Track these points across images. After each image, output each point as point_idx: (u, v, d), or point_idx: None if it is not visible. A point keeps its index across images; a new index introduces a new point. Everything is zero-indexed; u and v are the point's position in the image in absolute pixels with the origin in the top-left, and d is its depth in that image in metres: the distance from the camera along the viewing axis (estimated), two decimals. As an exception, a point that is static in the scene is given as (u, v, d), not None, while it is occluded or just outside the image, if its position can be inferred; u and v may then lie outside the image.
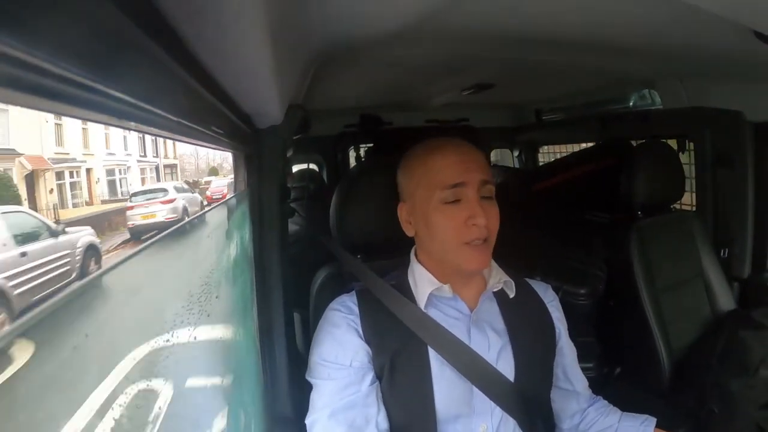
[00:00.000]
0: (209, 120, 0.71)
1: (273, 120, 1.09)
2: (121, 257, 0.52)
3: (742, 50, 1.20)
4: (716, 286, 1.89)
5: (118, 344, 0.50)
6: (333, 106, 2.57)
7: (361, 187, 1.22)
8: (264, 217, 1.13)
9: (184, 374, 0.66)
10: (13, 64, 0.25)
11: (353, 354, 0.98)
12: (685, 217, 1.98)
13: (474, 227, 0.95)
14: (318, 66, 1.31)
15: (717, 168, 1.95)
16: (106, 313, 0.48)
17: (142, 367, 0.51)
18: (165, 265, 0.70)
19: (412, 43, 1.24)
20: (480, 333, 1.02)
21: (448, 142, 1.03)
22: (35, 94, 0.28)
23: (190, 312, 0.70)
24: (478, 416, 0.99)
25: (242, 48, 0.61)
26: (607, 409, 1.15)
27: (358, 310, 1.03)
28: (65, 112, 0.34)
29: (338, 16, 0.96)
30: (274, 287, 1.14)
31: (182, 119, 0.55)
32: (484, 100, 2.57)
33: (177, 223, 8.88)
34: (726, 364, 1.56)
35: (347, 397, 0.95)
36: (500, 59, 1.53)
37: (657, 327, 1.73)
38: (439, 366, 0.98)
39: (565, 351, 1.14)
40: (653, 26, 1.11)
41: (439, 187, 0.97)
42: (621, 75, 1.89)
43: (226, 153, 1.12)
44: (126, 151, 18.71)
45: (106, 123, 0.42)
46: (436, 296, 1.03)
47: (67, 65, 0.29)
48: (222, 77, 0.70)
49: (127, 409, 0.47)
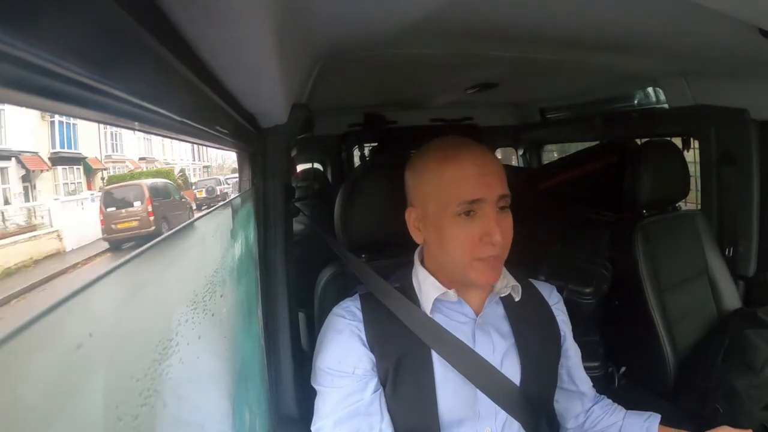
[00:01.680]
0: (214, 120, 0.71)
1: (277, 119, 1.09)
2: (129, 255, 0.52)
3: (747, 48, 1.20)
4: (721, 284, 1.89)
5: (123, 342, 0.50)
6: (337, 105, 2.58)
7: (366, 187, 1.21)
8: (269, 216, 1.13)
9: (189, 373, 0.67)
10: (17, 64, 0.25)
11: (356, 361, 0.97)
12: (690, 215, 1.97)
13: (489, 245, 0.92)
14: (322, 65, 1.31)
15: (722, 166, 1.94)
16: (111, 310, 0.48)
17: (147, 365, 0.51)
18: (171, 261, 0.70)
19: (416, 42, 1.24)
20: (485, 336, 1.01)
21: (464, 148, 0.97)
22: (38, 94, 0.28)
23: (194, 310, 0.70)
24: (482, 420, 0.99)
25: (247, 47, 0.61)
26: (612, 407, 1.15)
27: (362, 315, 1.01)
28: (68, 112, 0.34)
29: (343, 15, 0.96)
30: (279, 286, 1.14)
31: (187, 119, 0.55)
32: (488, 99, 2.57)
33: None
34: (731, 363, 1.55)
35: (351, 406, 0.95)
36: (505, 58, 1.53)
37: (662, 326, 1.73)
38: (443, 370, 0.97)
39: (569, 353, 1.14)
40: (658, 24, 1.10)
41: (455, 202, 0.93)
42: (626, 73, 1.88)
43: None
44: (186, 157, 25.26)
45: (111, 123, 0.42)
46: (441, 300, 1.02)
47: (71, 65, 0.29)
48: (226, 77, 0.70)
49: (132, 408, 0.47)
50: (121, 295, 0.51)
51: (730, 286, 1.89)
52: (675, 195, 1.93)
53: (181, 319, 0.64)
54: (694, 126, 2.04)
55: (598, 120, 2.55)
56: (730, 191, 1.95)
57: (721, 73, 1.73)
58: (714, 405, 1.24)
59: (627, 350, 1.88)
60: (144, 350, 0.53)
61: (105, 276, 0.44)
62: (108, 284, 0.45)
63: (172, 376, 0.56)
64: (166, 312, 0.63)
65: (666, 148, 1.88)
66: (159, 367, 0.54)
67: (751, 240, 1.92)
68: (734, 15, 0.90)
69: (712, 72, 1.74)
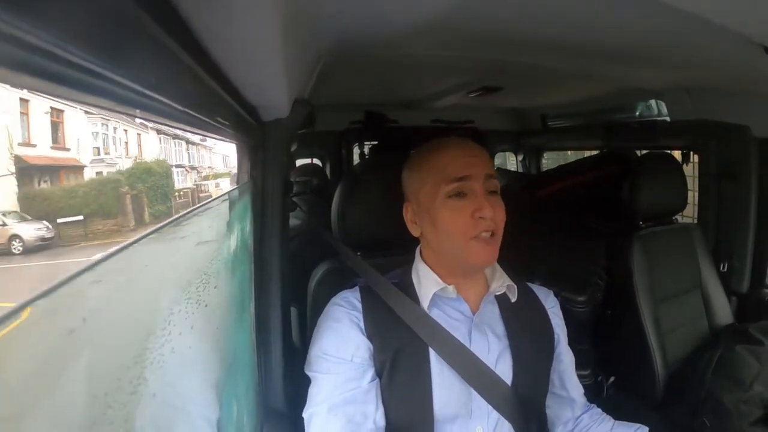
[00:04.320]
0: (215, 111, 0.71)
1: (279, 113, 1.09)
2: (125, 242, 0.52)
3: (752, 65, 1.20)
4: (714, 299, 1.89)
5: (115, 328, 0.50)
6: (339, 101, 2.57)
7: (364, 184, 1.21)
8: (266, 209, 1.13)
9: (180, 363, 0.66)
10: (22, 47, 0.25)
11: (354, 349, 0.97)
12: (687, 228, 1.98)
13: (481, 220, 0.94)
14: (326, 61, 1.30)
15: (721, 181, 1.95)
16: (104, 297, 0.48)
17: (137, 354, 0.51)
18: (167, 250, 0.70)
19: (421, 44, 1.24)
20: (480, 336, 1.02)
21: (452, 139, 1.03)
22: (42, 77, 0.28)
23: (188, 300, 0.70)
24: (474, 419, 0.99)
25: (252, 40, 0.61)
26: (601, 417, 1.15)
27: (361, 306, 1.02)
28: (71, 96, 0.34)
29: (349, 12, 0.96)
30: (273, 280, 1.13)
31: (188, 109, 0.55)
32: (490, 103, 2.57)
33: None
34: (721, 378, 1.56)
35: (347, 392, 0.94)
36: (509, 63, 1.53)
37: (653, 337, 1.73)
38: (439, 367, 0.98)
39: (562, 357, 1.14)
40: (664, 37, 1.10)
41: (444, 182, 0.96)
42: (629, 84, 1.89)
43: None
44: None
45: (112, 109, 0.42)
46: (440, 296, 1.03)
47: (75, 50, 0.29)
48: (230, 68, 0.70)
49: (121, 395, 0.47)
50: (117, 282, 0.51)
51: (723, 301, 1.90)
52: (673, 207, 1.93)
53: (174, 308, 0.64)
54: (694, 140, 2.05)
55: (598, 129, 2.55)
56: (728, 207, 1.96)
57: (724, 89, 1.74)
58: (702, 418, 1.25)
59: (617, 360, 1.89)
60: (136, 338, 0.53)
61: (101, 262, 0.44)
62: (104, 270, 0.45)
63: (162, 365, 0.56)
64: (159, 300, 0.63)
65: (666, 160, 1.89)
66: (150, 355, 0.54)
67: (746, 256, 1.93)
68: (740, 31, 0.91)
69: (715, 87, 1.75)
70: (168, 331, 0.60)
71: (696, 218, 2.13)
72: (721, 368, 1.59)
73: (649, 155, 1.96)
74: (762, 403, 1.46)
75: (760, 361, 1.54)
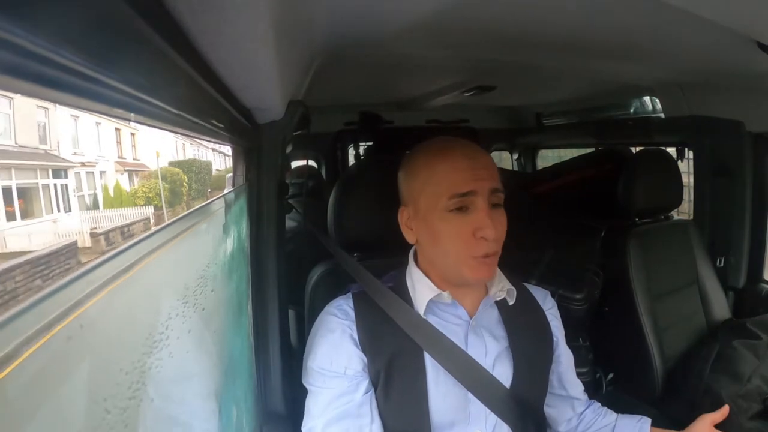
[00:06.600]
0: (210, 113, 0.70)
1: (274, 115, 1.09)
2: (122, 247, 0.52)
3: (745, 61, 1.20)
4: (711, 294, 1.90)
5: (112, 335, 0.50)
6: (334, 103, 2.57)
7: (360, 186, 1.21)
8: (261, 212, 1.12)
9: (178, 367, 0.66)
10: (14, 52, 0.25)
11: (347, 361, 0.96)
12: (683, 225, 1.98)
13: (482, 241, 0.90)
14: (320, 62, 1.30)
15: (716, 177, 1.96)
16: (101, 303, 0.48)
17: (136, 359, 0.51)
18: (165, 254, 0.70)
19: (415, 43, 1.24)
20: (477, 339, 1.00)
21: (455, 143, 0.96)
22: (34, 82, 0.28)
23: (185, 304, 0.70)
24: (473, 423, 0.98)
25: (245, 42, 0.61)
26: (603, 410, 1.16)
27: (354, 314, 1.00)
28: (64, 101, 0.33)
29: (342, 13, 0.96)
30: (270, 283, 1.13)
31: (183, 112, 0.55)
32: (484, 102, 2.57)
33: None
34: (718, 373, 1.56)
35: (341, 407, 0.93)
36: (503, 62, 1.53)
37: (651, 334, 1.73)
38: (434, 372, 0.97)
39: (561, 359, 1.14)
40: (656, 33, 1.11)
41: (446, 195, 0.91)
42: (622, 81, 1.89)
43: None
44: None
45: (106, 113, 0.42)
46: (435, 302, 1.00)
47: (68, 53, 0.29)
48: (224, 71, 0.70)
49: (120, 400, 0.47)
50: (114, 287, 0.51)
51: (719, 296, 1.90)
52: (668, 204, 1.94)
53: (171, 313, 0.64)
54: (689, 136, 2.05)
55: (593, 126, 2.56)
56: (723, 202, 1.96)
57: (718, 85, 1.74)
58: (700, 413, 1.25)
59: (615, 357, 1.89)
60: (134, 343, 0.53)
61: (98, 267, 0.44)
62: (101, 275, 0.45)
63: (161, 369, 0.56)
64: (157, 305, 0.63)
65: (661, 157, 1.89)
66: (148, 360, 0.54)
67: (742, 251, 1.94)
68: (734, 28, 0.91)
69: (709, 83, 1.75)
70: (166, 335, 0.59)
71: (691, 214, 2.14)
72: (718, 363, 1.59)
73: (644, 152, 1.96)
74: (760, 398, 1.47)
75: (758, 356, 1.54)
